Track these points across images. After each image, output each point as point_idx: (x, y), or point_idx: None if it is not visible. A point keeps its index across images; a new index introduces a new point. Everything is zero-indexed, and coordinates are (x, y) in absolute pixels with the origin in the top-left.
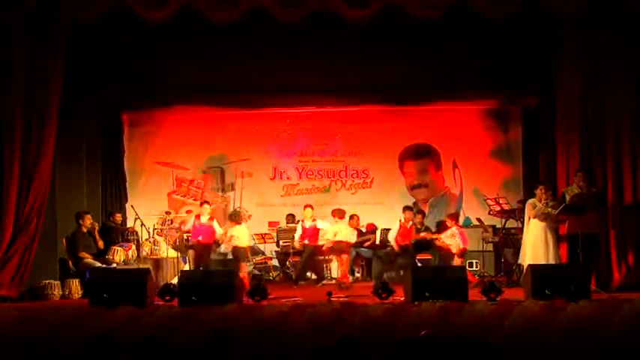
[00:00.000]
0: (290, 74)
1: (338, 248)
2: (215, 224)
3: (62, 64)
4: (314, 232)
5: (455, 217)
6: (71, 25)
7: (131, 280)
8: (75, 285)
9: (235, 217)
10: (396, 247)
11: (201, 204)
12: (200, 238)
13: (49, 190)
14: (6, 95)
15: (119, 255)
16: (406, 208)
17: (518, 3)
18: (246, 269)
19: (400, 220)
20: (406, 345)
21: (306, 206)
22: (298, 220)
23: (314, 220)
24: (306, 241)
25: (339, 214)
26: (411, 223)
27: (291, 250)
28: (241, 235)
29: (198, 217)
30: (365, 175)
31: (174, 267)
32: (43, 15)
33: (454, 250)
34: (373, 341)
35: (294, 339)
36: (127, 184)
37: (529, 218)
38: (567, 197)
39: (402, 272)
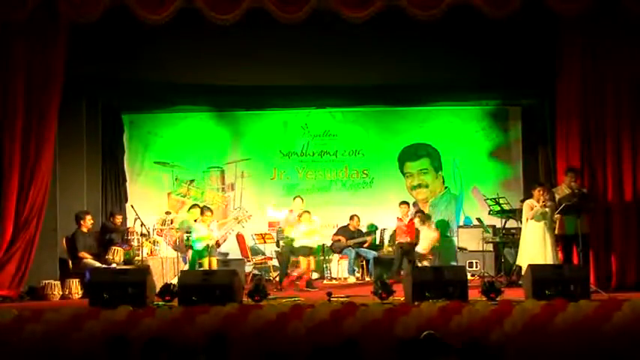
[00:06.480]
0: (290, 74)
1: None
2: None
3: (62, 64)
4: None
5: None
6: (71, 25)
7: (131, 280)
8: (75, 285)
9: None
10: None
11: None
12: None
13: (49, 190)
14: (6, 95)
15: (119, 255)
16: (402, 203)
17: (519, 2)
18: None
19: (397, 217)
20: (406, 345)
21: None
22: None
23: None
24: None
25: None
26: (409, 218)
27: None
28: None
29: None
30: (365, 175)
31: (174, 267)
32: (43, 15)
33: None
34: (373, 341)
35: (293, 339)
36: (127, 184)
37: (527, 219)
38: (557, 197)
39: (402, 272)
